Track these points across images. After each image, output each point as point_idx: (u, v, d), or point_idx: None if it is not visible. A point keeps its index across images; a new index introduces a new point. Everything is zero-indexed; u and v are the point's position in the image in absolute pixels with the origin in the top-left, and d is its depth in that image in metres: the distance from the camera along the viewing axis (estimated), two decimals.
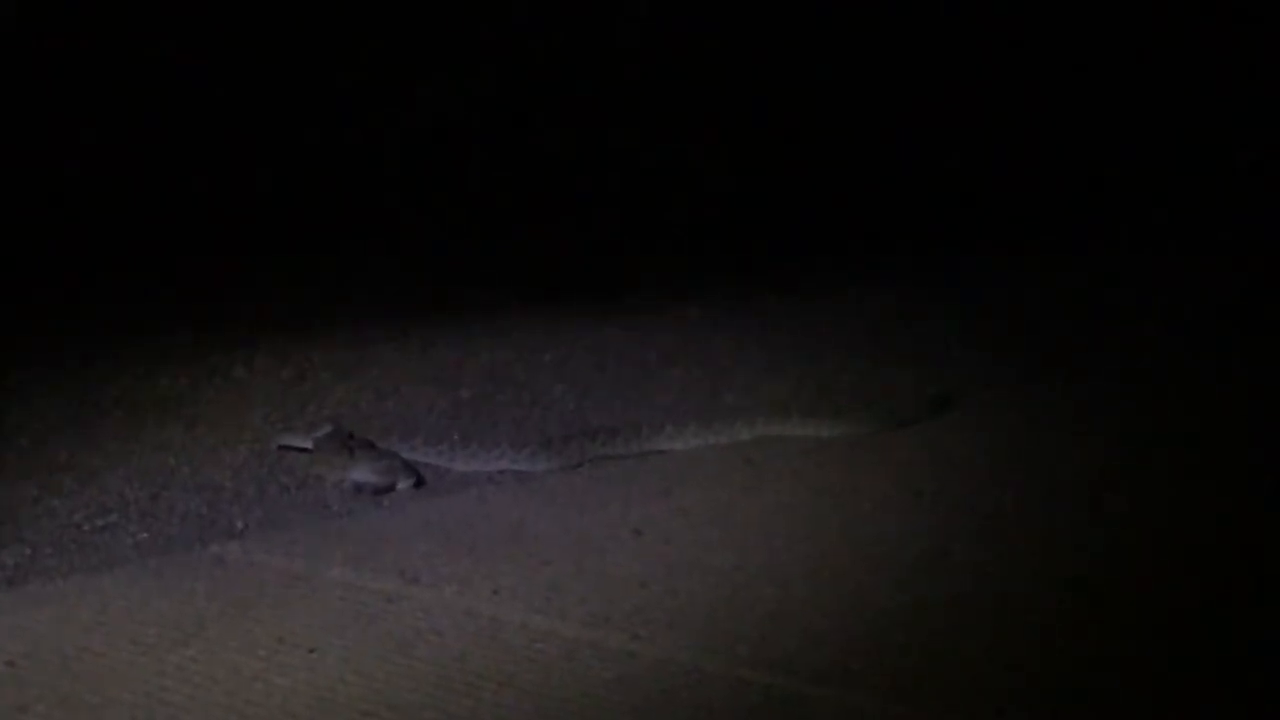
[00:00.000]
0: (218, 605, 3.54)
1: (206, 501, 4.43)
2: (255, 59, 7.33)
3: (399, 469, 4.57)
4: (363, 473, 4.55)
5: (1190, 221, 8.13)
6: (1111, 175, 8.43)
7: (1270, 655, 3.23)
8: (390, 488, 4.52)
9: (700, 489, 4.35)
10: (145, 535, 4.20)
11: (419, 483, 4.57)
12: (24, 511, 4.33)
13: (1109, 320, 6.46)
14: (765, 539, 3.91)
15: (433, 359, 5.64)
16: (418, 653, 3.26)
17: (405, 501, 4.46)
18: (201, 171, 7.17)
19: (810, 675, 3.13)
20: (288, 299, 6.46)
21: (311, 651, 3.27)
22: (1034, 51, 8.44)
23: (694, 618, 3.42)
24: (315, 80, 7.42)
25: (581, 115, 7.54)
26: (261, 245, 7.03)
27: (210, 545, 4.02)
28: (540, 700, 3.05)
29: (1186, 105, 8.50)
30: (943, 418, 5.01)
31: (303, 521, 4.31)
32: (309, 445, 4.74)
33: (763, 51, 7.92)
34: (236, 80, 7.28)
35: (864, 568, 3.67)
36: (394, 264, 7.01)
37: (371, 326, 6.05)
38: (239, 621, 3.44)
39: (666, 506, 4.18)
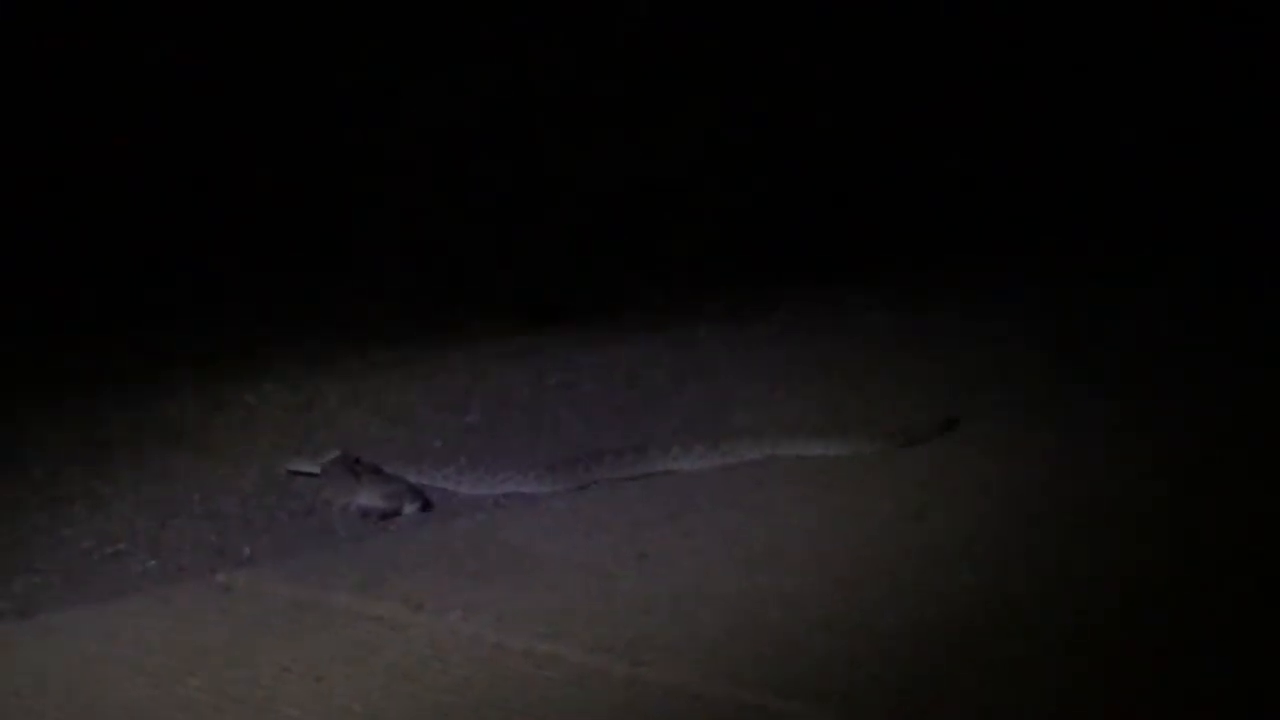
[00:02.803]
0: (224, 634, 3.55)
1: (215, 529, 4.45)
2: (254, 70, 7.36)
3: (405, 493, 4.58)
4: (369, 498, 4.56)
5: (1196, 222, 8.12)
6: (1114, 177, 8.42)
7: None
8: (396, 512, 4.53)
9: (706, 511, 4.35)
10: (154, 563, 4.22)
11: (426, 507, 4.58)
12: (34, 540, 4.35)
13: (1122, 334, 6.43)
14: (771, 563, 3.91)
15: (440, 383, 5.65)
16: (422, 680, 3.27)
17: (412, 526, 4.47)
18: (200, 189, 7.19)
19: (814, 701, 3.13)
20: (295, 324, 6.46)
21: (318, 680, 3.28)
22: (1033, 52, 8.45)
23: (698, 643, 3.42)
24: (312, 90, 7.45)
25: (586, 132, 7.55)
26: (265, 267, 7.04)
27: (218, 573, 4.04)
28: None
29: (1186, 105, 8.49)
30: (950, 438, 5.01)
31: (310, 548, 4.32)
32: (317, 471, 4.77)
33: (764, 57, 7.93)
34: (235, 92, 7.29)
35: (870, 592, 3.67)
36: (399, 286, 7.01)
37: (379, 350, 6.07)
38: (245, 651, 3.45)
39: (672, 529, 4.18)
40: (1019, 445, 4.94)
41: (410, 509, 4.54)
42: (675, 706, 3.12)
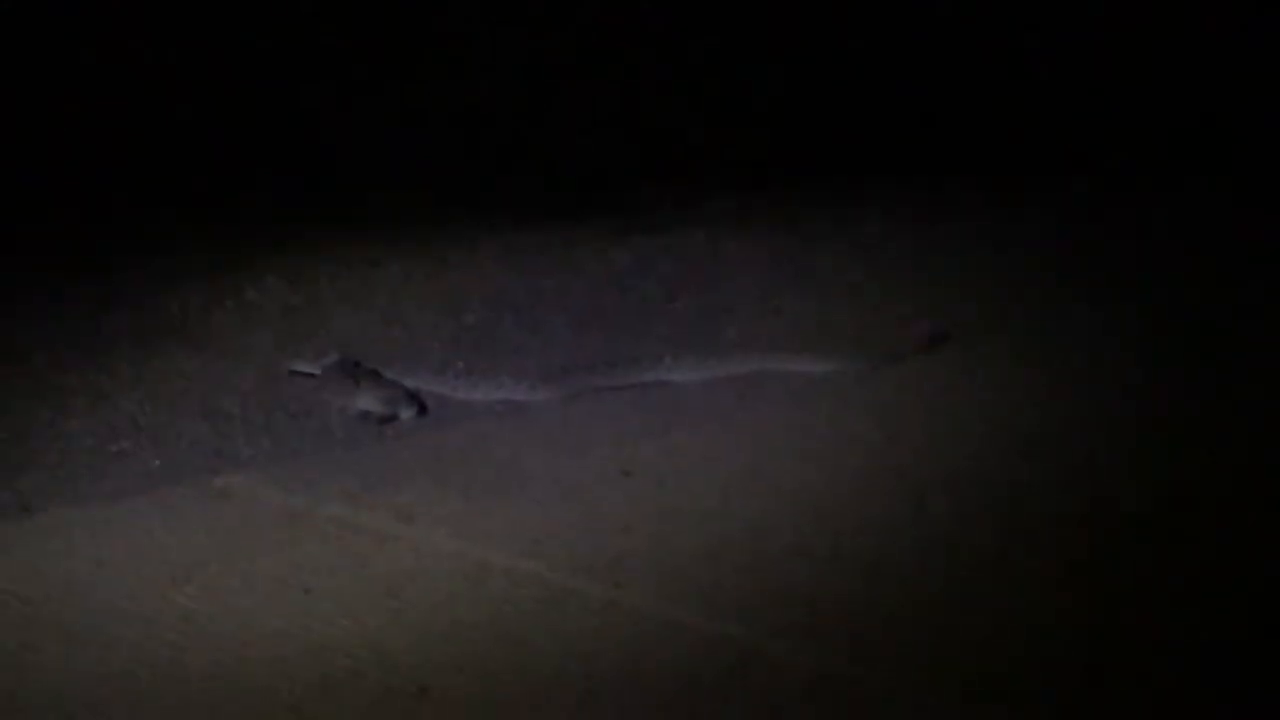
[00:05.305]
0: (219, 542, 3.69)
1: (215, 428, 4.56)
2: None
3: (402, 398, 4.69)
4: (367, 401, 4.68)
5: (1200, 133, 8.10)
6: (1113, 88, 8.39)
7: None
8: (393, 417, 4.64)
9: (692, 426, 4.46)
10: (156, 463, 4.33)
11: (422, 411, 4.69)
12: (38, 435, 4.47)
13: (1130, 247, 6.44)
14: (750, 483, 4.02)
15: (439, 281, 5.74)
16: (407, 596, 3.41)
17: (407, 432, 4.59)
18: (205, 84, 7.21)
19: (784, 631, 3.24)
20: (298, 215, 6.52)
21: (306, 593, 3.43)
22: None
23: (674, 566, 3.54)
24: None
25: (591, 38, 7.56)
26: (266, 158, 7.08)
27: (217, 477, 4.17)
28: (520, 649, 3.20)
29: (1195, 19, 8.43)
30: (939, 354, 5.08)
31: (307, 451, 4.44)
32: (317, 372, 4.88)
33: None
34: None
35: (841, 519, 3.79)
36: (402, 179, 7.06)
37: (381, 245, 6.13)
38: (239, 560, 3.59)
39: (658, 446, 4.29)
40: (1009, 364, 4.99)
41: (406, 414, 4.66)
42: (647, 632, 3.26)
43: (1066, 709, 3.03)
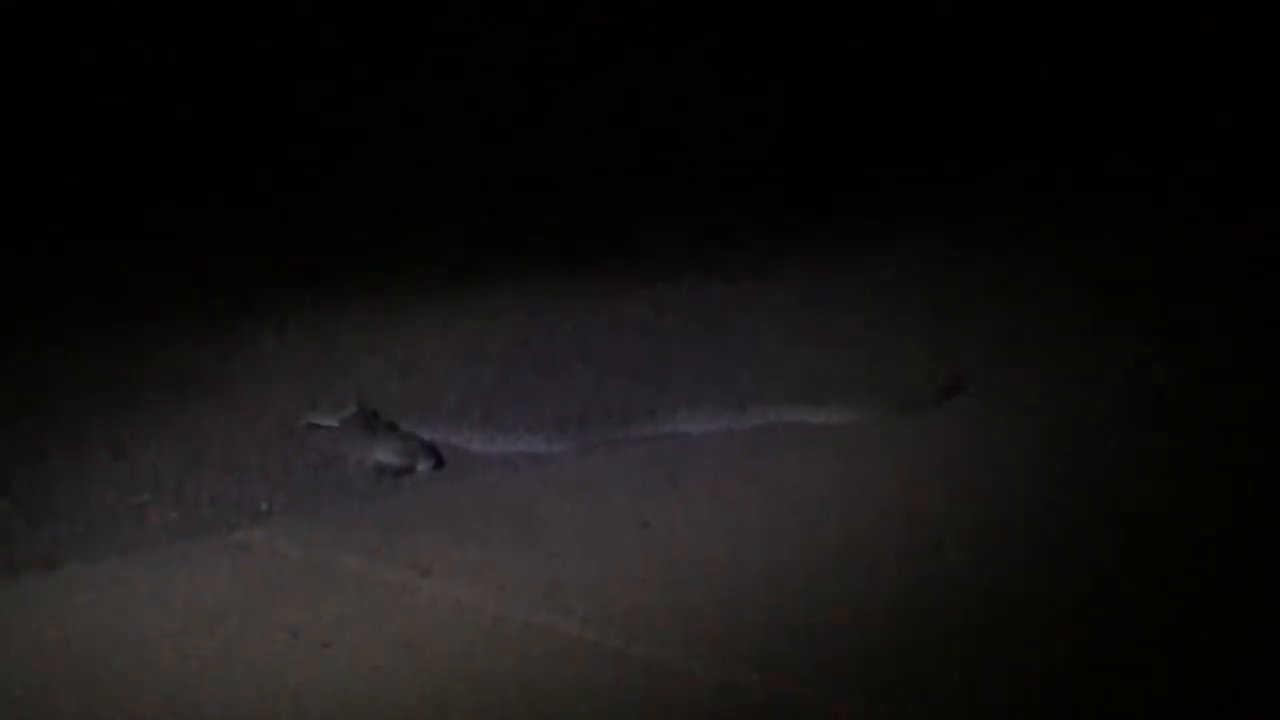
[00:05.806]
0: (240, 595, 3.72)
1: (235, 481, 4.60)
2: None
3: (419, 451, 4.73)
4: (385, 454, 4.72)
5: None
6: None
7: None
8: (410, 469, 4.68)
9: (707, 478, 4.49)
10: (175, 516, 4.37)
11: (438, 464, 4.73)
12: (60, 488, 4.51)
13: (1149, 277, 6.46)
14: (766, 534, 4.05)
15: (456, 331, 5.80)
16: (425, 650, 3.43)
17: (424, 484, 4.62)
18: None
19: (800, 679, 3.27)
20: (317, 262, 6.59)
21: (325, 647, 3.45)
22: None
23: (691, 617, 3.56)
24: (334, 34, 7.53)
25: (599, 78, 7.65)
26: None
27: (236, 530, 4.20)
28: (538, 701, 3.22)
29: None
30: (956, 402, 5.11)
31: (326, 503, 4.47)
32: (335, 424, 4.92)
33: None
34: (246, 29, 7.37)
35: (859, 568, 3.80)
36: (419, 226, 7.12)
37: (399, 293, 6.22)
38: (258, 613, 3.62)
39: (673, 497, 4.32)
40: (1028, 410, 5.00)
41: (424, 465, 4.69)
42: (663, 683, 3.27)
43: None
